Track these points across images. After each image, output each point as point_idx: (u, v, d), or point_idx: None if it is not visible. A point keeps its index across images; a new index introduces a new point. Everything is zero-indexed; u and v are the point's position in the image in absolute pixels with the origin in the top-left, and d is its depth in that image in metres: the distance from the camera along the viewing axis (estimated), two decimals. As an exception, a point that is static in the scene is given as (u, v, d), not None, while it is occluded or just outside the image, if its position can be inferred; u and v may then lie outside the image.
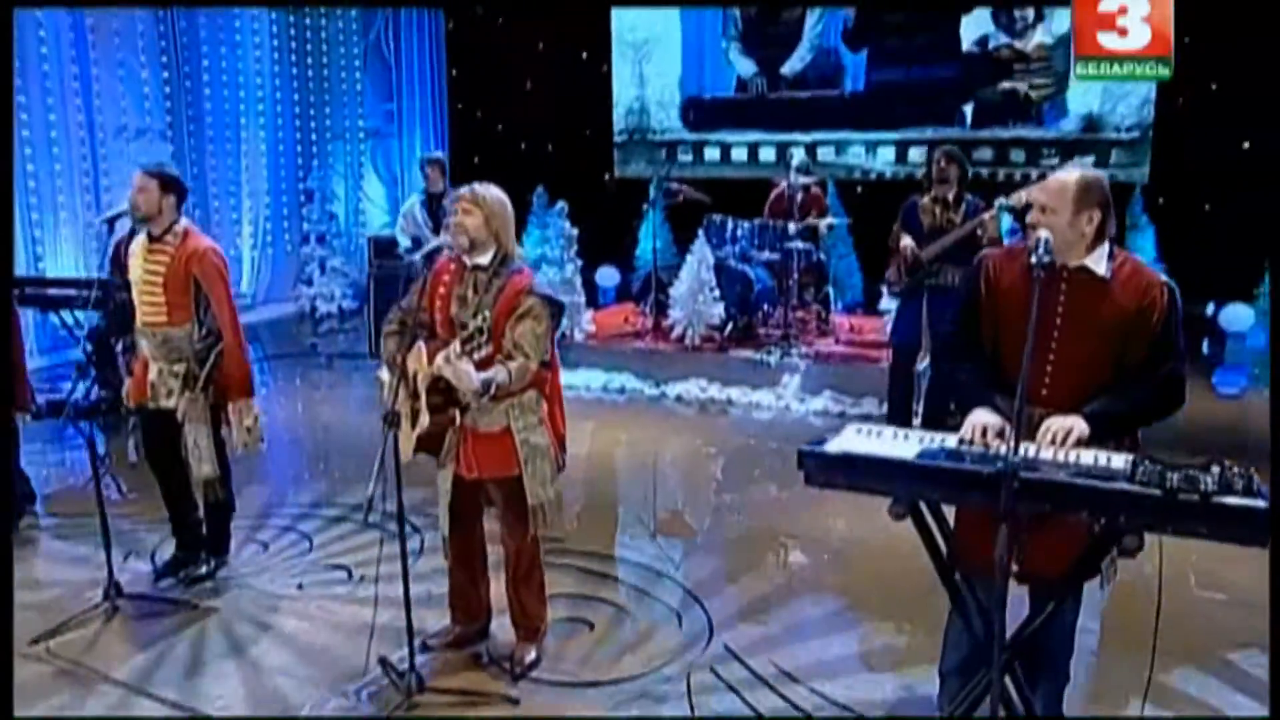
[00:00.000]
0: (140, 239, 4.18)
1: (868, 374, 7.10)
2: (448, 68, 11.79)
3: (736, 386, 7.18)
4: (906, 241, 5.92)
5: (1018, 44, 9.31)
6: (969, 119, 9.49)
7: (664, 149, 11.14)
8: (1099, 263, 2.83)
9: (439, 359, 3.10)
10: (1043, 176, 8.67)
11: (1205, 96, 8.96)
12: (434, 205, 7.15)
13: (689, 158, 11.01)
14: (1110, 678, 3.50)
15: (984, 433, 2.71)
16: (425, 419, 3.32)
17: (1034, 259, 2.67)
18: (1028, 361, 2.56)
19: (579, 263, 8.14)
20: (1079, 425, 2.65)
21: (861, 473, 2.62)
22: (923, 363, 6.17)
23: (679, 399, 7.26)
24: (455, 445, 3.43)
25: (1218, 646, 3.71)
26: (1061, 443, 2.62)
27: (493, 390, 3.16)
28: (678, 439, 6.54)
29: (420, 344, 3.37)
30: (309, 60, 10.46)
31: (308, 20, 10.45)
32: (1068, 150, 9.28)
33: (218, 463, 4.22)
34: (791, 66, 10.02)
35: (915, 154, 9.89)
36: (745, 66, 10.22)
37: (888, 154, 9.98)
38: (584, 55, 11.65)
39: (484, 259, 3.39)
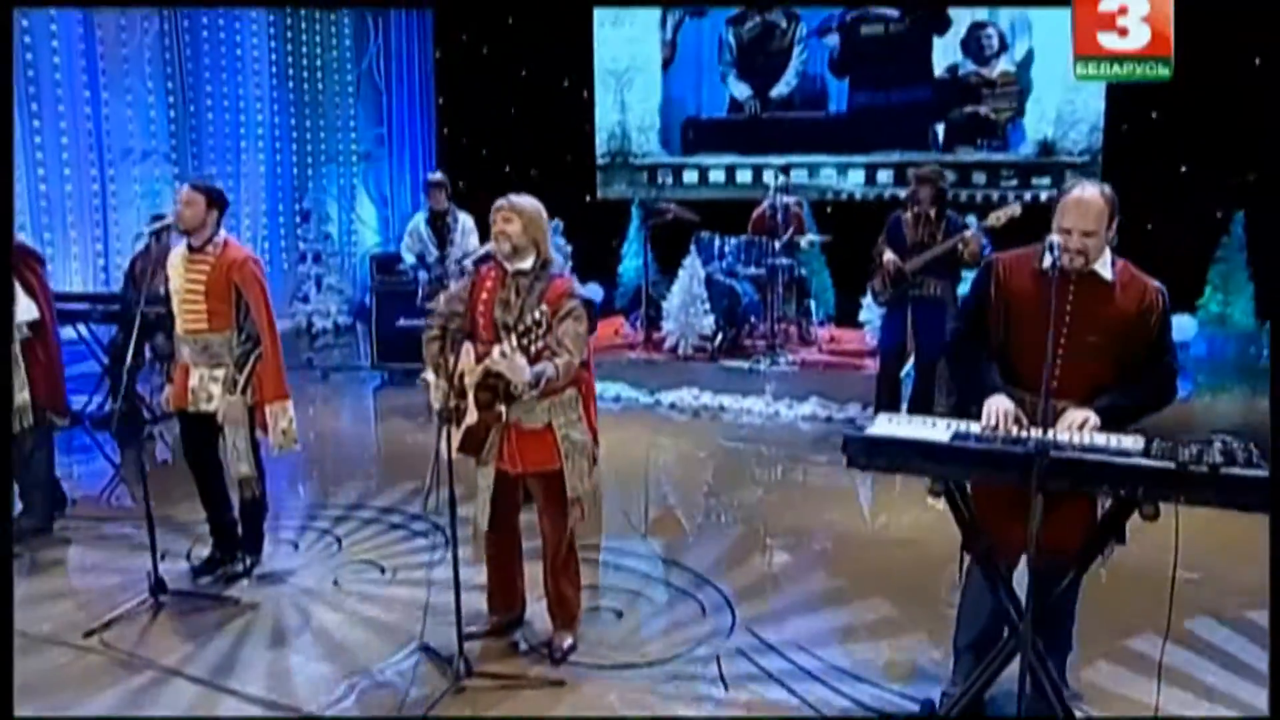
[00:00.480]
0: (179, 250, 4.20)
1: (851, 381, 7.26)
2: (436, 95, 11.83)
3: (728, 394, 7.29)
4: (890, 255, 6.10)
5: (984, 71, 9.61)
6: (940, 139, 9.76)
7: (644, 172, 11.28)
8: (1105, 268, 2.99)
9: (494, 353, 3.16)
10: (1004, 199, 9.02)
11: (1147, 125, 9.31)
12: (438, 223, 7.18)
13: (669, 179, 11.16)
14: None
15: (1004, 417, 2.84)
16: (472, 415, 3.38)
17: (1048, 264, 2.82)
18: (1051, 356, 2.71)
19: (576, 277, 8.18)
20: (1093, 417, 2.80)
21: (901, 455, 2.74)
22: (907, 367, 6.36)
23: (673, 406, 7.36)
24: (498, 442, 3.48)
25: (1181, 616, 3.83)
26: (1076, 430, 2.76)
27: (542, 383, 3.24)
28: (673, 442, 6.63)
29: (467, 345, 3.43)
30: (305, 86, 10.46)
31: (304, 49, 10.45)
32: (1024, 173, 9.57)
33: (253, 462, 4.24)
34: (779, 90, 10.24)
35: (884, 176, 10.15)
36: (740, 90, 10.43)
37: (858, 176, 10.20)
38: (565, 83, 11.76)
39: (525, 264, 3.47)
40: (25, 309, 4.60)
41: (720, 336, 7.61)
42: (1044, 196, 9.27)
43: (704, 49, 10.53)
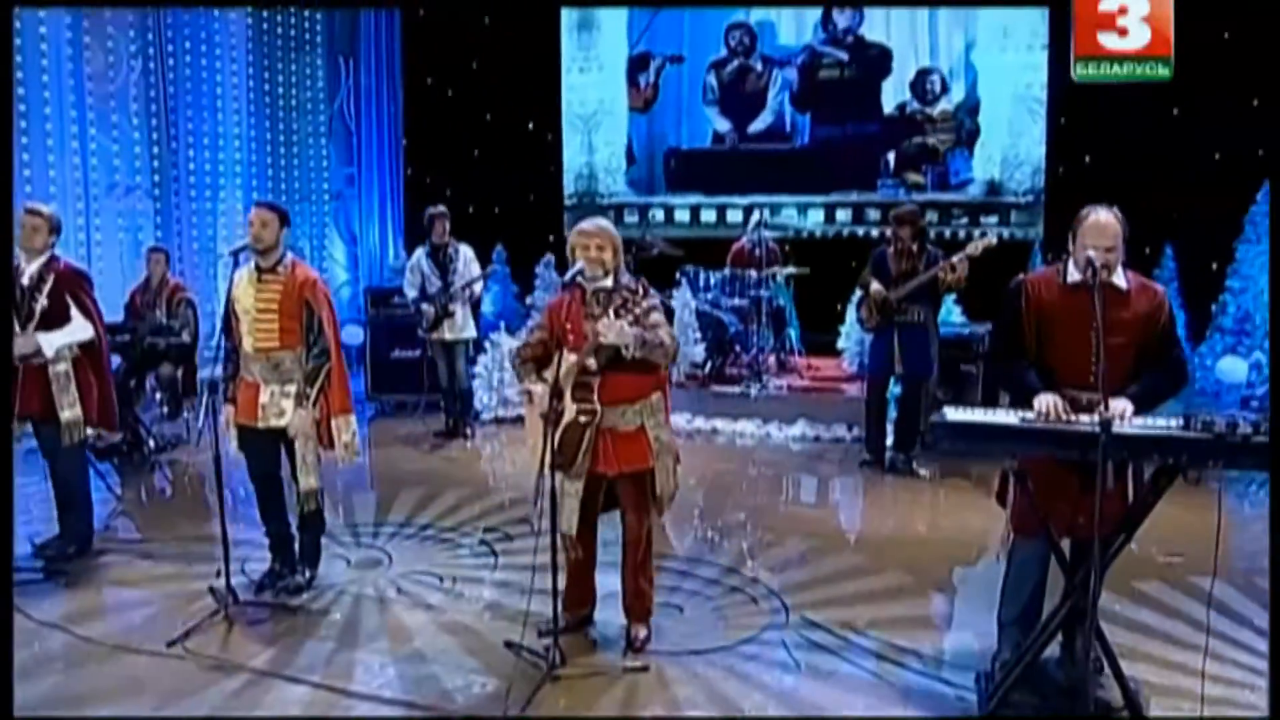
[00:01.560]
0: (246, 271, 4.35)
1: (834, 404, 7.68)
2: (403, 136, 12.05)
3: (720, 418, 7.63)
4: (877, 286, 6.56)
5: (928, 109, 10.36)
6: (891, 167, 10.46)
7: (611, 211, 11.65)
8: (1120, 278, 3.45)
9: (601, 324, 3.49)
10: (957, 236, 9.64)
11: (1081, 167, 10.12)
12: (440, 256, 7.36)
13: (634, 218, 11.57)
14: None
15: (1055, 407, 3.24)
16: (571, 410, 3.64)
17: (1080, 278, 3.29)
18: (1098, 355, 3.13)
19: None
20: (1129, 405, 3.22)
21: (981, 437, 3.12)
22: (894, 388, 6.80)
23: (668, 430, 7.65)
24: (590, 448, 3.72)
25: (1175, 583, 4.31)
26: (1121, 417, 3.17)
27: (645, 340, 3.55)
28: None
29: (565, 353, 3.70)
30: (281, 125, 10.57)
31: (280, 88, 10.56)
32: (973, 212, 10.26)
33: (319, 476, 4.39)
34: (756, 126, 10.83)
35: (842, 215, 10.75)
36: (722, 124, 10.95)
37: (817, 215, 10.77)
38: (530, 126, 12.14)
39: (609, 282, 3.76)
40: (80, 328, 4.67)
41: (709, 364, 7.96)
42: (991, 234, 9.93)
43: (684, 90, 11.06)
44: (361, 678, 3.64)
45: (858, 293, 6.93)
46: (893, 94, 10.44)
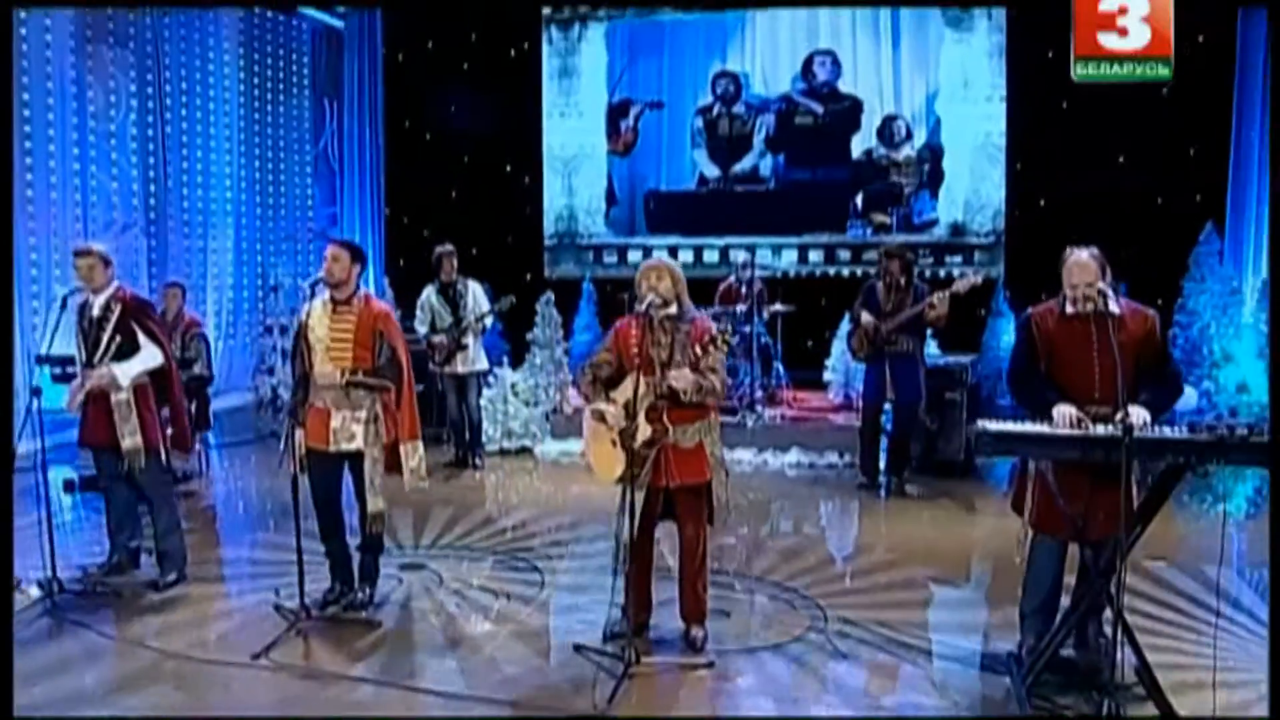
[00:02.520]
0: (319, 304, 4.66)
1: (824, 432, 8.19)
2: (384, 177, 12.39)
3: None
4: (868, 318, 7.11)
5: (893, 154, 11.10)
6: (860, 208, 11.14)
7: (590, 251, 12.13)
8: (1113, 305, 3.99)
9: (672, 374, 3.91)
10: (923, 274, 10.31)
11: (1036, 210, 10.94)
12: (449, 293, 7.70)
13: (614, 258, 12.05)
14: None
15: (1071, 417, 3.74)
16: (646, 430, 4.04)
17: (1081, 307, 3.83)
18: (1119, 376, 3.64)
19: (567, 344, 8.88)
20: (1142, 414, 3.74)
21: (1021, 443, 3.61)
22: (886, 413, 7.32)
23: (668, 458, 8.07)
24: (654, 461, 4.12)
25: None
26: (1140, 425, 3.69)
27: (700, 386, 3.98)
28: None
29: (635, 376, 4.10)
30: (269, 165, 10.83)
31: (269, 128, 10.85)
32: (939, 252, 10.98)
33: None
34: (741, 166, 11.50)
35: (814, 255, 11.39)
36: (711, 169, 11.54)
37: (791, 255, 11.39)
38: (507, 168, 12.60)
39: (672, 310, 4.19)
40: (151, 356, 4.91)
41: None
42: (955, 272, 10.67)
43: (664, 135, 11.64)
44: (450, 681, 3.94)
45: (846, 324, 7.47)
46: (861, 140, 11.19)
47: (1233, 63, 9.98)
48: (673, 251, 11.77)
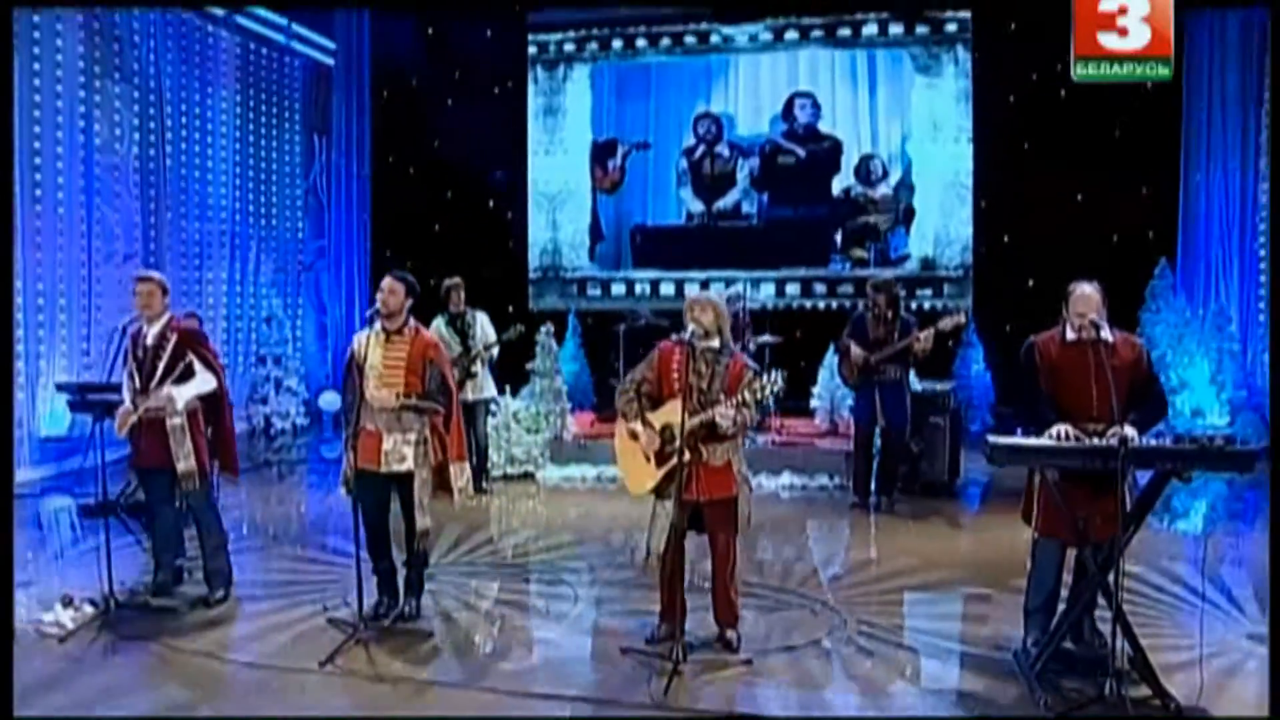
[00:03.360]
0: (373, 332, 5.00)
1: (813, 456, 8.67)
2: (371, 211, 12.73)
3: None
4: (858, 350, 7.62)
5: (870, 192, 11.77)
6: (839, 244, 11.76)
7: (574, 285, 12.57)
8: (1108, 334, 4.53)
9: (718, 410, 4.34)
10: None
11: (1001, 246, 11.66)
12: (458, 323, 8.05)
13: (598, 292, 12.51)
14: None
15: (1067, 433, 4.25)
16: (687, 454, 4.45)
17: (1082, 335, 4.36)
18: (1114, 396, 4.16)
19: (563, 375, 9.29)
20: (1134, 430, 4.26)
21: (1030, 454, 4.11)
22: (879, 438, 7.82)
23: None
24: (687, 478, 4.53)
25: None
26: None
27: (739, 421, 4.40)
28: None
29: (675, 404, 4.50)
30: (262, 199, 11.12)
31: (263, 163, 11.15)
32: (910, 285, 11.59)
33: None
34: (724, 204, 12.08)
35: (791, 289, 11.97)
36: (695, 205, 12.12)
37: (769, 289, 11.94)
38: (490, 204, 13.04)
39: (714, 343, 4.63)
40: (204, 380, 5.19)
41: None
42: (926, 305, 11.32)
43: (649, 172, 12.19)
44: (512, 681, 4.28)
45: (831, 354, 7.97)
46: (840, 179, 11.84)
47: (1180, 111, 10.83)
48: (655, 285, 12.31)
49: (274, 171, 11.35)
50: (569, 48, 12.32)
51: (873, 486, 7.72)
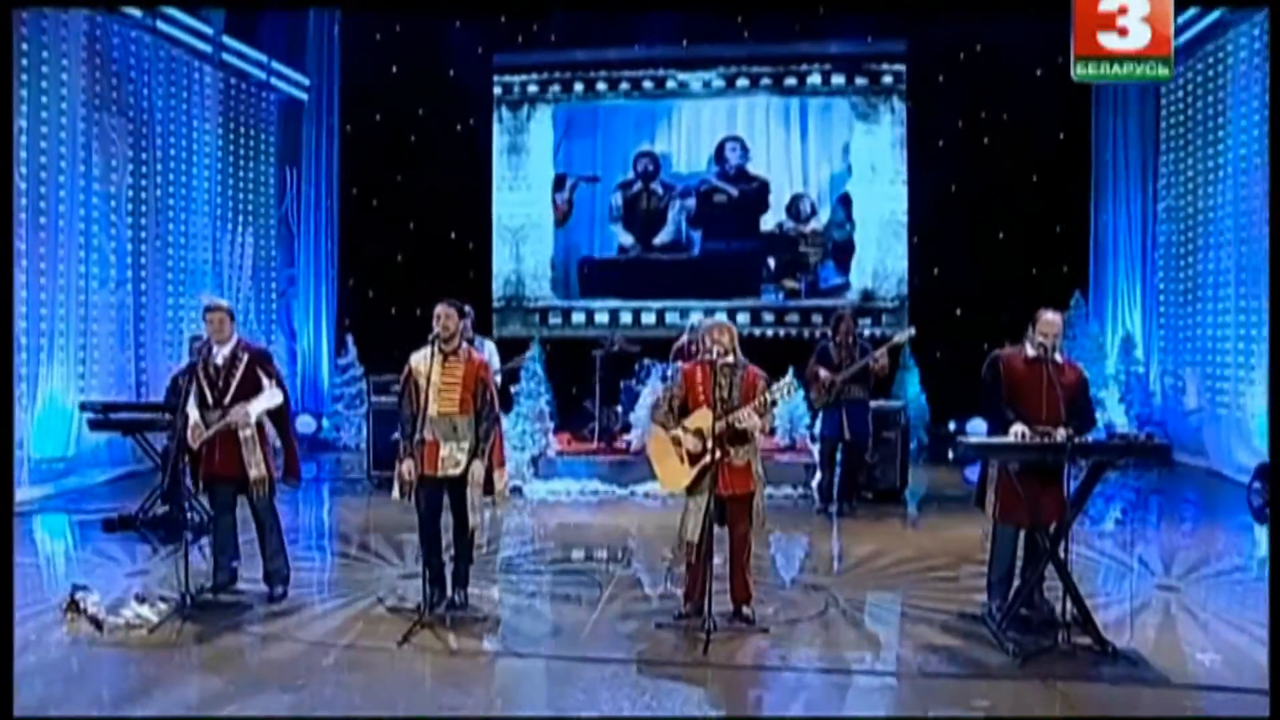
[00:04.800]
0: (426, 353, 5.76)
1: (775, 469, 9.64)
2: (338, 241, 13.37)
3: (689, 482, 9.42)
4: (825, 374, 8.69)
5: (801, 228, 12.99)
6: (772, 272, 12.90)
7: (536, 314, 13.42)
8: (1058, 356, 5.65)
9: (743, 414, 5.28)
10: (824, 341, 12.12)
11: (932, 279, 12.99)
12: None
13: (559, 320, 13.37)
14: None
15: (1024, 433, 5.33)
16: (719, 454, 5.37)
17: (1041, 353, 5.46)
18: (1062, 403, 5.25)
19: (549, 395, 10.11)
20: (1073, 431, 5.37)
21: (992, 450, 5.17)
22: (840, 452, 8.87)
23: (646, 495, 9.36)
24: (715, 476, 5.45)
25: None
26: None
27: (761, 422, 5.36)
28: (660, 518, 8.61)
29: (704, 411, 5.43)
30: (240, 228, 11.67)
31: (241, 193, 11.72)
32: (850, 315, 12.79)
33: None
34: (661, 239, 13.11)
35: (742, 317, 13.06)
36: (626, 238, 13.10)
37: (722, 318, 12.96)
38: (452, 235, 13.83)
39: (730, 360, 5.58)
40: (272, 396, 5.88)
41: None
42: (866, 333, 12.50)
43: (597, 206, 13.16)
44: (571, 649, 5.10)
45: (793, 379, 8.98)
46: (771, 215, 13.07)
47: (1089, 158, 12.36)
48: (613, 314, 13.25)
49: (251, 202, 11.92)
50: (533, 89, 13.25)
51: (834, 494, 8.77)
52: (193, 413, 5.90)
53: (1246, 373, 9.88)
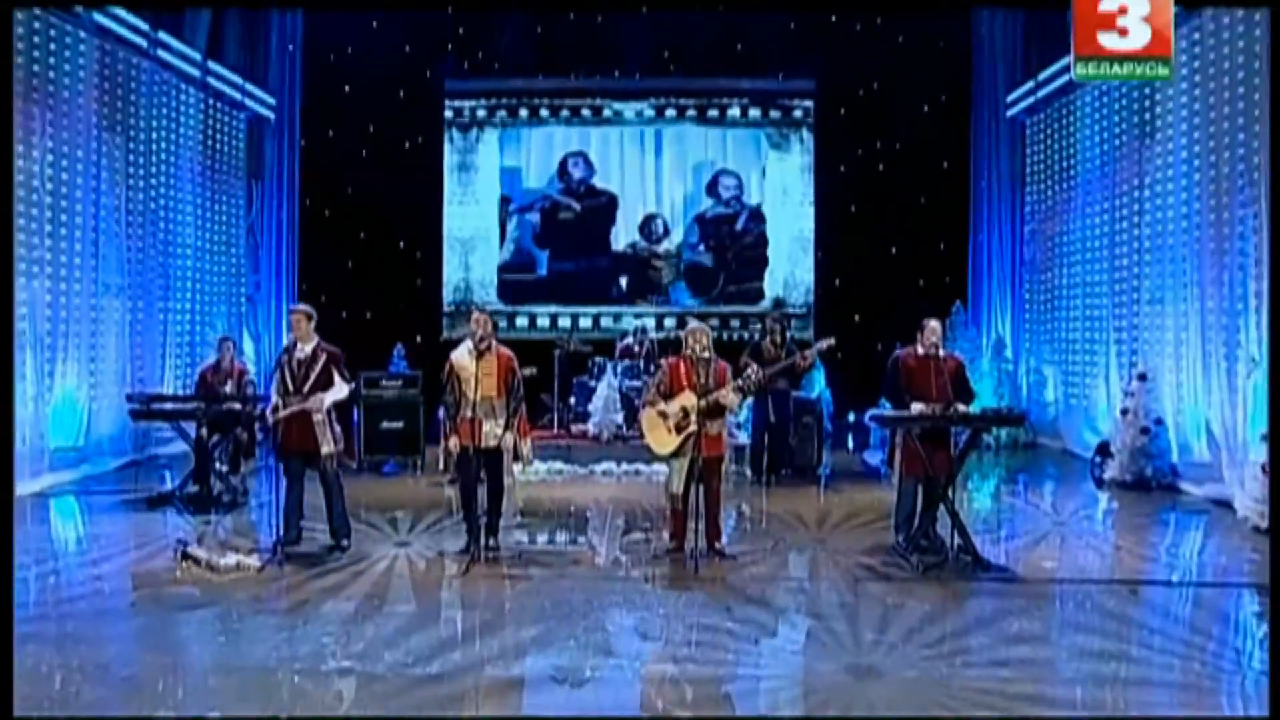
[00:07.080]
0: (464, 350, 7.47)
1: (714, 451, 11.70)
2: (299, 249, 14.79)
3: (640, 463, 11.32)
4: (755, 368, 10.76)
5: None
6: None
7: (484, 317, 15.11)
8: (942, 352, 7.84)
9: (724, 392, 7.26)
10: (752, 338, 14.32)
11: (834, 289, 15.32)
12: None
13: (504, 323, 15.11)
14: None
15: (921, 411, 7.49)
16: (709, 426, 7.32)
17: (929, 351, 7.64)
18: (949, 387, 7.44)
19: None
20: (961, 407, 7.55)
21: (897, 421, 7.30)
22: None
23: (604, 473, 11.25)
24: (696, 442, 7.40)
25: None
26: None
27: (736, 398, 7.36)
28: (620, 490, 10.51)
29: (688, 393, 7.37)
30: (218, 237, 13.03)
31: (219, 204, 13.06)
32: (764, 320, 14.98)
33: (502, 479, 7.61)
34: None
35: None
36: (541, 257, 15.01)
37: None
38: (401, 245, 15.41)
39: (706, 356, 7.54)
40: (340, 389, 7.51)
41: (627, 426, 11.75)
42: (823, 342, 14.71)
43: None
44: (600, 572, 6.99)
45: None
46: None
47: (967, 186, 14.91)
48: (553, 319, 15.09)
49: (224, 214, 13.27)
50: (481, 114, 14.96)
51: (763, 467, 10.88)
52: (274, 398, 7.50)
53: (1092, 369, 12.48)
